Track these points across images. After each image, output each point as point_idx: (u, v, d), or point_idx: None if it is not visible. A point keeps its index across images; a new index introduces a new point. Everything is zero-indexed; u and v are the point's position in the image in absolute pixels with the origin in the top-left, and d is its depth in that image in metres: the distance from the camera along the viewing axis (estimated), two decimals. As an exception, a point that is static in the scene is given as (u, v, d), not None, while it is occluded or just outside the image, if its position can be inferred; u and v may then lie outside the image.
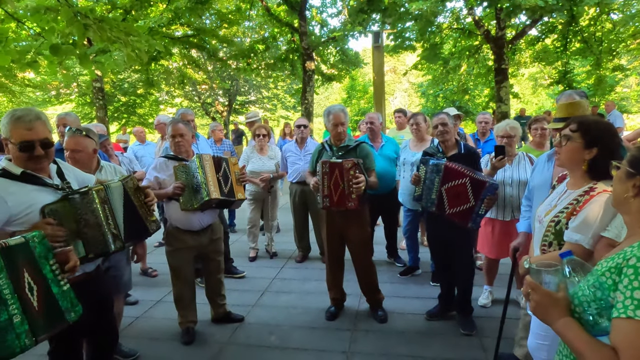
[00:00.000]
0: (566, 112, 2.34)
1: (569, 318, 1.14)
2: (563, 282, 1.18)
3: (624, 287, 1.02)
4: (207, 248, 3.39)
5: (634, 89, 25.10)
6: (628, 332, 0.98)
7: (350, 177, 3.18)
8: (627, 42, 12.69)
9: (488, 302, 3.71)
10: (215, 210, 3.39)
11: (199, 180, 3.04)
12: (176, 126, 3.22)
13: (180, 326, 3.41)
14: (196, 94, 23.00)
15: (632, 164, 1.19)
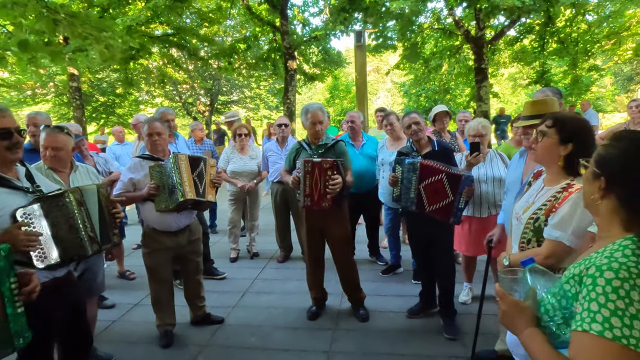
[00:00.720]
0: (534, 110, 2.35)
1: (534, 329, 1.10)
2: (532, 290, 1.15)
3: (582, 298, 0.98)
4: (185, 249, 3.32)
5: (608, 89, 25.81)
6: (584, 347, 0.95)
7: (327, 177, 3.17)
8: (601, 42, 13.00)
9: (468, 299, 3.74)
10: (192, 211, 3.33)
11: (174, 180, 2.97)
12: (153, 124, 3.15)
13: (158, 329, 3.33)
14: (177, 93, 22.68)
15: (597, 164, 1.14)
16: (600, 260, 1.00)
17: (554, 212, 1.83)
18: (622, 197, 1.06)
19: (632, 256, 0.97)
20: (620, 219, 1.07)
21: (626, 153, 1.07)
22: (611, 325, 0.91)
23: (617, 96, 25.92)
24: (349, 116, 4.72)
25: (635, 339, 0.90)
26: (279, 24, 11.94)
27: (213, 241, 5.91)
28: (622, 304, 0.92)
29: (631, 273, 0.94)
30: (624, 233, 1.05)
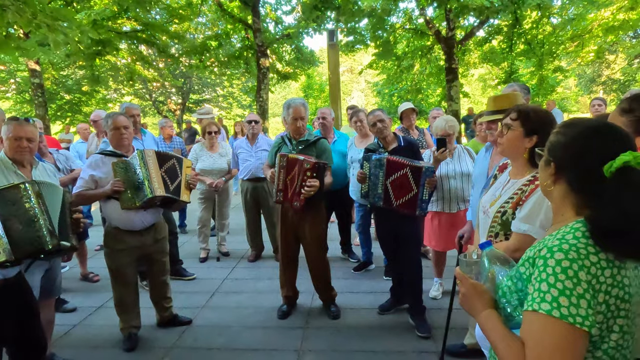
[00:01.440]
0: (497, 105, 2.38)
1: (491, 310, 1.12)
2: (490, 273, 1.16)
3: (534, 279, 1.00)
4: (151, 248, 3.21)
5: (572, 90, 26.79)
6: (533, 326, 0.96)
7: (305, 178, 3.11)
8: (565, 44, 13.45)
9: (438, 294, 3.77)
10: (158, 209, 3.22)
11: (141, 177, 2.87)
12: (118, 118, 3.04)
13: (122, 332, 3.21)
14: (147, 91, 22.14)
15: (549, 151, 1.16)
16: (552, 242, 1.01)
17: (521, 205, 1.83)
18: (571, 181, 1.09)
19: (582, 238, 0.99)
20: (571, 203, 1.09)
21: (573, 139, 1.09)
22: (559, 304, 0.93)
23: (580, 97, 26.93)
24: (320, 113, 4.69)
25: (581, 317, 0.92)
26: (251, 21, 11.81)
27: (182, 241, 5.76)
28: (570, 284, 0.94)
29: (580, 254, 0.96)
30: (576, 216, 1.07)
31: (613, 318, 0.97)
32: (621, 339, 0.99)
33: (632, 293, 1.00)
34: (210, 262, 5.05)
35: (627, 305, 0.99)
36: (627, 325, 1.00)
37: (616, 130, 1.07)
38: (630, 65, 20.99)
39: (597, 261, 0.96)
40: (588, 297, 0.93)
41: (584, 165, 1.05)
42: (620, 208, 0.95)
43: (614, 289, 0.96)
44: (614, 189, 0.97)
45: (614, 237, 0.95)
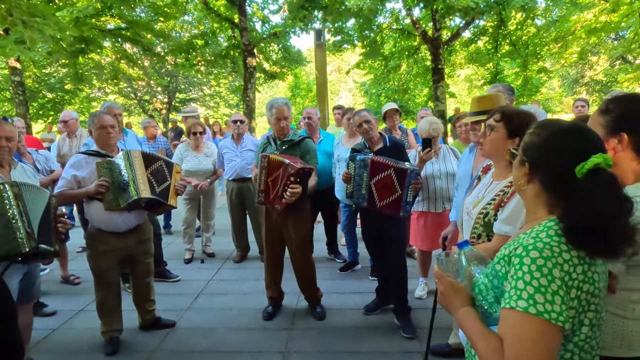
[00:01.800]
0: (481, 106, 2.39)
1: (469, 308, 1.14)
2: (467, 271, 1.18)
3: (510, 277, 1.03)
4: (135, 250, 3.16)
5: (556, 91, 27.21)
6: (511, 323, 0.99)
7: (288, 183, 3.08)
8: (549, 46, 13.64)
9: (424, 293, 3.78)
10: (143, 210, 3.17)
11: (127, 177, 2.83)
12: (105, 117, 2.99)
13: (103, 336, 3.15)
14: (132, 90, 21.83)
15: (523, 151, 1.19)
16: (527, 240, 1.04)
17: (503, 206, 1.84)
18: (544, 181, 1.12)
19: (555, 236, 1.03)
20: (544, 202, 1.13)
21: (547, 140, 1.13)
22: (535, 301, 0.96)
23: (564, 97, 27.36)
24: (306, 112, 4.66)
25: (556, 313, 0.95)
26: (237, 20, 11.73)
27: (167, 242, 5.69)
28: (545, 281, 0.97)
29: (554, 252, 0.99)
30: (549, 215, 1.11)
31: (584, 312, 1.02)
32: (590, 332, 1.04)
33: (601, 288, 1.04)
34: (195, 263, 4.99)
35: (597, 299, 1.04)
36: (595, 319, 1.04)
37: (587, 132, 1.11)
38: (612, 67, 21.41)
39: (570, 258, 0.99)
40: (562, 294, 0.97)
41: (557, 166, 1.09)
42: (591, 207, 0.99)
43: (585, 284, 1.00)
44: (585, 189, 1.01)
45: (585, 236, 0.99)
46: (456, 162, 3.50)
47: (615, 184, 1.02)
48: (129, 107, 23.35)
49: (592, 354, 1.07)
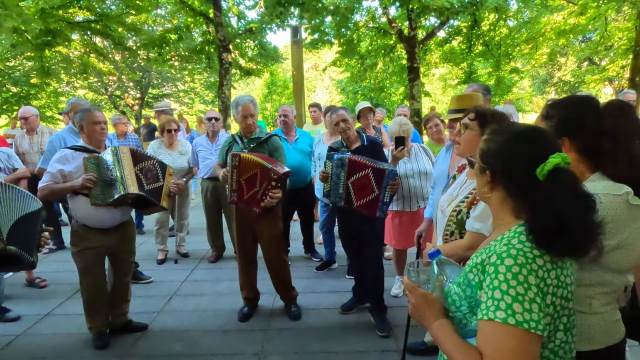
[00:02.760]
0: (459, 105, 2.41)
1: (444, 320, 1.10)
2: (439, 281, 1.14)
3: (486, 287, 1.00)
4: (119, 247, 3.12)
5: (527, 91, 27.96)
6: (490, 335, 0.97)
7: (270, 187, 3.06)
8: (521, 47, 13.98)
9: (400, 291, 3.79)
10: (128, 207, 3.14)
11: (114, 173, 2.81)
12: (97, 113, 2.99)
13: (91, 331, 3.12)
14: (102, 85, 21.17)
15: (482, 158, 1.17)
16: (500, 248, 1.02)
17: (475, 204, 1.86)
18: (507, 187, 1.11)
19: (527, 241, 1.01)
20: (510, 208, 1.11)
21: (503, 146, 1.12)
22: (514, 311, 0.94)
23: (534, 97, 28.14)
24: (282, 110, 4.60)
25: (534, 321, 0.93)
26: (212, 15, 11.49)
27: (139, 242, 5.51)
28: (521, 289, 0.95)
29: (527, 258, 0.98)
30: (516, 220, 1.09)
31: (559, 318, 1.02)
32: (564, 336, 1.04)
33: (572, 291, 1.04)
34: (168, 264, 4.87)
35: (570, 304, 1.03)
36: (569, 323, 1.05)
37: (541, 134, 1.11)
38: (579, 68, 22.14)
39: (544, 264, 0.98)
40: (539, 301, 0.95)
41: (517, 170, 1.08)
42: (553, 208, 0.98)
43: (559, 289, 1.00)
44: (547, 190, 1.00)
45: (550, 237, 0.97)
46: (427, 160, 3.53)
47: (577, 182, 1.02)
48: (99, 102, 22.64)
49: (566, 358, 1.06)
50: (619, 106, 1.43)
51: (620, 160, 1.34)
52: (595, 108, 1.43)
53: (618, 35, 14.43)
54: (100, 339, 3.09)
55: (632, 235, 1.29)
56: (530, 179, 1.03)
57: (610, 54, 16.08)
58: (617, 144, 1.35)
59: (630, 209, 1.27)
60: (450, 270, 1.15)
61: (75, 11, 11.35)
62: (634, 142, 1.37)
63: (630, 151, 1.35)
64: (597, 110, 1.42)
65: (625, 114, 1.41)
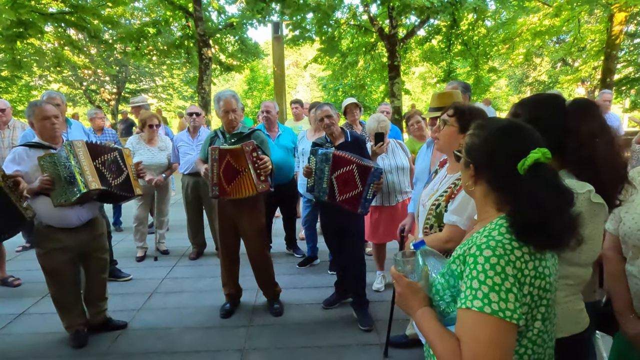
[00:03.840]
0: (440, 102, 2.46)
1: (427, 308, 1.13)
2: (424, 271, 1.17)
3: (465, 277, 1.03)
4: (90, 246, 3.02)
5: (503, 90, 28.56)
6: (467, 323, 0.99)
7: (255, 158, 3.07)
8: (498, 46, 14.29)
9: (381, 286, 3.84)
10: (96, 203, 3.02)
11: (72, 170, 2.66)
12: (46, 107, 2.80)
13: (68, 331, 3.04)
14: (77, 79, 20.59)
15: (466, 153, 1.19)
16: (480, 239, 1.05)
17: (453, 198, 1.91)
18: (490, 181, 1.13)
19: (507, 234, 1.03)
20: (493, 201, 1.14)
21: (486, 141, 1.14)
22: (490, 300, 0.97)
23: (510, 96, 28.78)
24: (264, 106, 4.58)
25: (510, 311, 0.96)
26: (192, 9, 11.34)
27: (117, 240, 5.44)
28: (498, 280, 0.97)
29: (506, 249, 1.00)
30: (498, 213, 1.12)
31: (536, 307, 1.04)
32: (542, 326, 1.07)
33: (551, 282, 1.06)
34: (147, 261, 4.79)
35: (548, 294, 1.06)
36: (547, 313, 1.07)
37: (523, 129, 1.13)
38: (553, 68, 22.76)
39: (521, 255, 1.00)
40: (515, 291, 0.97)
41: (499, 165, 1.10)
42: (534, 202, 1.00)
43: (537, 280, 1.02)
44: (528, 184, 1.03)
45: (531, 230, 1.00)
46: (404, 156, 3.58)
47: (556, 177, 1.05)
48: (73, 97, 22.04)
49: (544, 347, 1.09)
50: (584, 105, 1.47)
51: (582, 158, 1.39)
52: (561, 107, 1.47)
53: (590, 37, 14.90)
54: (77, 338, 3.02)
55: (593, 231, 1.36)
56: (512, 173, 1.05)
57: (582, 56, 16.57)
58: (579, 142, 1.39)
59: (591, 206, 1.33)
60: (434, 260, 1.18)
61: (49, 2, 11.01)
62: (595, 140, 1.41)
63: (592, 150, 1.40)
64: (563, 109, 1.46)
65: (589, 113, 1.45)
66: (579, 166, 1.40)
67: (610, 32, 11.86)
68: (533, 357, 1.07)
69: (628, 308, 1.56)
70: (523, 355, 1.06)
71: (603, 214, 1.38)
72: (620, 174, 1.46)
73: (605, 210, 1.37)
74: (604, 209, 1.36)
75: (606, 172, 1.40)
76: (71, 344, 3.00)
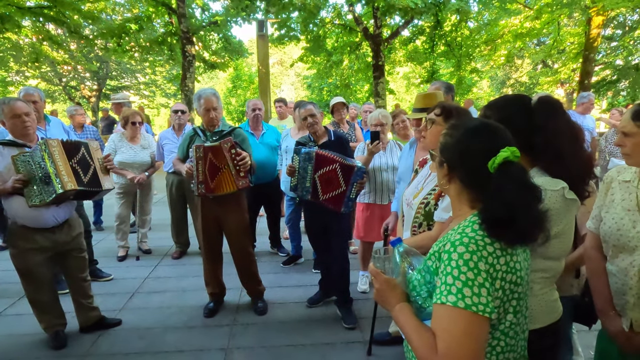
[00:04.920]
0: (423, 103, 2.49)
1: (404, 304, 1.16)
2: (401, 268, 1.20)
3: (440, 273, 1.06)
4: (67, 246, 2.96)
5: (485, 91, 28.99)
6: (442, 317, 1.03)
7: (234, 155, 3.06)
8: (481, 48, 14.49)
9: (367, 287, 3.83)
10: (72, 202, 2.97)
11: (47, 170, 2.59)
12: (17, 104, 2.70)
13: (47, 332, 2.99)
14: (56, 75, 20.11)
15: (440, 152, 1.23)
16: (454, 236, 1.08)
17: (443, 196, 1.93)
18: (463, 179, 1.17)
19: (479, 230, 1.06)
20: (466, 199, 1.18)
21: (458, 140, 1.18)
22: (463, 295, 1.00)
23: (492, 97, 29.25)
24: (254, 104, 4.52)
25: (482, 305, 1.00)
26: (175, 5, 11.19)
27: (98, 239, 5.35)
28: (471, 275, 1.01)
29: (478, 246, 1.03)
30: (472, 210, 1.15)
31: (508, 301, 1.07)
32: (514, 319, 1.10)
33: (522, 276, 1.10)
34: (129, 260, 4.73)
35: (520, 288, 1.09)
36: (519, 306, 1.10)
37: (494, 128, 1.16)
38: (534, 70, 23.20)
39: (493, 251, 1.04)
40: (487, 286, 1.01)
41: (471, 163, 1.14)
42: (503, 199, 1.04)
43: (508, 274, 1.05)
44: (498, 182, 1.06)
45: (500, 226, 1.03)
46: None
47: (525, 175, 1.09)
48: (52, 93, 21.53)
49: (516, 339, 1.13)
50: (549, 103, 1.52)
51: (551, 155, 1.44)
52: (527, 106, 1.51)
53: (569, 40, 15.24)
54: (56, 339, 2.97)
55: (567, 226, 1.41)
56: (483, 172, 1.09)
57: (562, 58, 16.94)
58: (547, 139, 1.44)
59: (565, 202, 1.38)
60: (411, 257, 1.21)
61: (27, -5, 10.73)
62: (561, 138, 1.45)
63: (559, 146, 1.44)
64: (529, 108, 1.50)
65: (554, 111, 1.50)
66: (549, 163, 1.44)
67: (588, 35, 12.16)
68: (506, 349, 1.10)
69: (609, 306, 1.61)
70: (496, 347, 1.09)
71: (575, 209, 1.43)
72: (587, 167, 1.51)
73: (577, 205, 1.43)
74: (576, 203, 1.42)
75: (574, 167, 1.45)
76: (50, 345, 2.95)
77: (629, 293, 1.53)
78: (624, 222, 1.54)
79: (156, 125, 22.91)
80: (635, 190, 1.56)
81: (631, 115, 1.51)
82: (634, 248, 1.51)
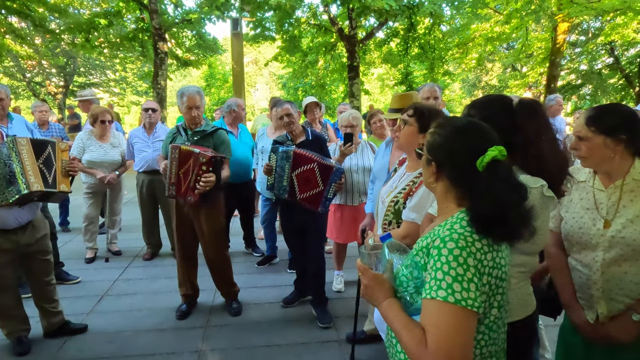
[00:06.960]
0: (399, 104, 2.53)
1: (392, 299, 1.17)
2: (389, 263, 1.21)
3: (430, 268, 1.07)
4: (31, 248, 2.83)
5: (457, 93, 29.65)
6: (431, 312, 1.04)
7: (200, 172, 2.94)
8: (453, 51, 14.81)
9: (342, 286, 3.84)
10: (37, 203, 2.84)
11: (13, 169, 2.50)
12: None
13: (9, 338, 2.88)
14: (20, 70, 19.31)
15: (428, 150, 1.24)
16: (443, 232, 1.10)
17: (412, 195, 1.96)
18: (451, 177, 1.18)
19: (468, 226, 1.09)
20: (453, 197, 1.19)
21: (446, 139, 1.19)
22: (453, 290, 1.02)
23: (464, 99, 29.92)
24: (237, 104, 4.47)
25: (471, 300, 1.02)
26: (147, 1, 10.92)
27: (64, 240, 5.17)
28: (461, 270, 1.03)
29: (467, 242, 1.06)
30: (458, 208, 1.17)
31: (493, 296, 1.10)
32: (498, 313, 1.13)
33: (506, 271, 1.13)
34: (98, 262, 4.58)
35: (504, 283, 1.12)
36: (502, 300, 1.14)
37: (482, 128, 1.19)
38: (504, 73, 23.89)
39: (481, 247, 1.06)
40: (476, 281, 1.03)
41: (459, 162, 1.15)
42: (491, 198, 1.06)
43: (494, 270, 1.08)
44: (486, 181, 1.09)
45: (490, 224, 1.06)
46: (373, 157, 3.62)
47: (512, 173, 1.12)
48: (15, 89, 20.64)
49: (499, 332, 1.16)
50: (529, 105, 1.56)
51: (530, 154, 1.48)
52: (509, 107, 1.56)
53: (537, 45, 15.75)
54: (19, 345, 2.85)
55: (543, 222, 1.46)
56: (471, 170, 1.11)
57: (530, 62, 17.50)
58: (527, 139, 1.48)
59: (543, 199, 1.43)
60: (399, 253, 1.22)
61: (-12, -13, 10.25)
62: (541, 137, 1.50)
63: (538, 146, 1.48)
64: (511, 109, 1.54)
65: (534, 112, 1.54)
66: (528, 162, 1.48)
67: (555, 40, 12.62)
68: (489, 342, 1.13)
69: (573, 299, 1.67)
70: (480, 340, 1.12)
71: (552, 206, 1.48)
72: (564, 167, 1.57)
73: (555, 203, 1.47)
74: (553, 201, 1.46)
75: (552, 166, 1.49)
76: (14, 352, 2.82)
77: (594, 287, 1.59)
78: (585, 221, 1.61)
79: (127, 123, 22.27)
80: (591, 189, 1.63)
81: (585, 120, 1.57)
82: (596, 245, 1.57)
